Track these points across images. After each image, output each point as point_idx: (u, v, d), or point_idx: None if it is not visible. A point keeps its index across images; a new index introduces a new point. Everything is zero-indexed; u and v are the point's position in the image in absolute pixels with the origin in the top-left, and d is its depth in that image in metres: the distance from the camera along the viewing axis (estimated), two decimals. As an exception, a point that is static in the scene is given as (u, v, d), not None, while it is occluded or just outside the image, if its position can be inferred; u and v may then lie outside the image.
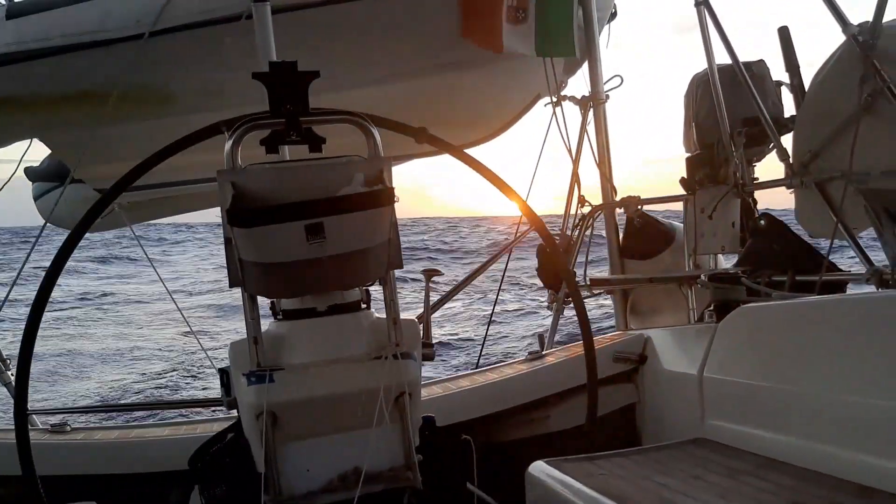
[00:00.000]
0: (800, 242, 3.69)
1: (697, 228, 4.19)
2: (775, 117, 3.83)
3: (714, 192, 4.04)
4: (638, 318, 4.70)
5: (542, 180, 4.96)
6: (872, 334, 2.14)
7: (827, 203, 3.40)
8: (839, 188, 3.32)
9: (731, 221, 3.98)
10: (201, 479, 2.14)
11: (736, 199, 3.96)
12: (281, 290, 2.08)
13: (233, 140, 2.03)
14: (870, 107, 3.12)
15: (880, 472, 1.96)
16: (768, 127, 3.73)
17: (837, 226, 3.30)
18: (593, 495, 2.12)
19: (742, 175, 3.91)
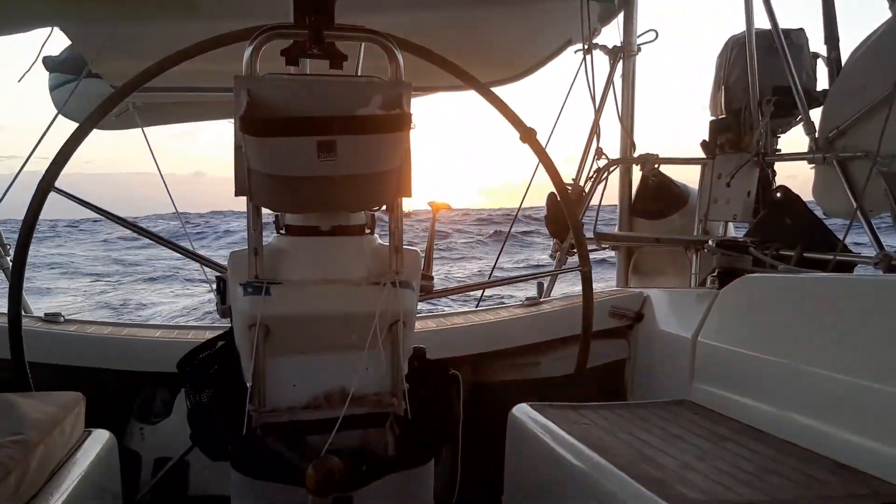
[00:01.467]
0: (813, 219, 3.66)
1: (712, 194, 4.15)
2: (807, 89, 3.76)
3: (734, 159, 3.99)
4: (639, 276, 4.70)
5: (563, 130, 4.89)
6: (871, 316, 2.12)
7: (846, 182, 3.35)
8: (861, 168, 3.28)
9: (747, 190, 3.93)
10: (188, 382, 2.16)
11: (755, 168, 3.91)
12: (287, 204, 2.06)
13: (253, 47, 1.99)
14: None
15: (859, 451, 1.97)
16: (798, 98, 3.66)
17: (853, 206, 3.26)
18: (572, 442, 2.14)
19: (765, 145, 3.85)
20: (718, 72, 4.22)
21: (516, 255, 23.34)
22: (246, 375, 2.05)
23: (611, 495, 1.87)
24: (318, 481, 1.76)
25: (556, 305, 3.68)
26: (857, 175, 3.34)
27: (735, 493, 1.78)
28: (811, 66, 3.91)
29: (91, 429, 2.27)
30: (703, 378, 2.75)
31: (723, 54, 4.19)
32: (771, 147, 3.93)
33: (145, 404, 3.09)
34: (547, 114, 4.85)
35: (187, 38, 2.35)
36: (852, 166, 3.38)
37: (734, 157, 4.00)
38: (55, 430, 1.95)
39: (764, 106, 3.84)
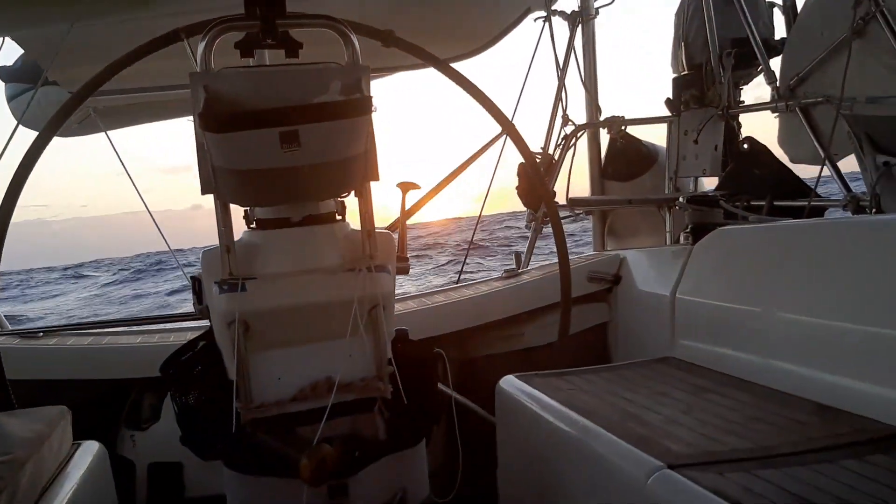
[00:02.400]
0: (780, 167, 3.69)
1: (680, 151, 4.17)
2: (765, 39, 3.78)
3: (699, 115, 4.01)
4: (615, 239, 4.73)
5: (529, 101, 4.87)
6: (843, 259, 2.16)
7: (810, 128, 3.39)
8: (824, 113, 3.31)
9: (713, 145, 3.96)
10: (173, 385, 2.15)
11: (720, 122, 3.93)
12: (254, 198, 2.05)
13: (206, 42, 1.96)
14: (861, 31, 3.07)
15: (839, 392, 2.01)
16: (757, 49, 3.68)
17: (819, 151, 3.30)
18: (560, 408, 2.17)
19: (728, 98, 3.87)
20: (677, 29, 4.23)
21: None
22: (230, 373, 2.04)
23: (600, 456, 1.89)
24: (311, 471, 1.77)
25: (535, 275, 3.70)
26: (821, 120, 3.37)
27: (720, 442, 1.81)
28: (768, 15, 3.92)
29: (80, 441, 2.26)
30: (684, 334, 2.78)
31: (680, 11, 4.20)
32: (734, 99, 3.95)
33: (134, 411, 3.08)
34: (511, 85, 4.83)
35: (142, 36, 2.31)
36: (815, 112, 3.41)
37: (699, 112, 4.02)
38: (43, 446, 1.94)
39: (724, 59, 3.85)
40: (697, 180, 4.30)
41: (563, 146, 4.58)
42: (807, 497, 1.45)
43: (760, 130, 3.97)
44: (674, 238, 4.03)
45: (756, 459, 1.69)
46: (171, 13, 3.51)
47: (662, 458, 1.70)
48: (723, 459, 1.70)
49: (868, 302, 2.01)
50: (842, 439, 1.78)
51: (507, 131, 2.75)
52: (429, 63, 2.53)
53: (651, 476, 1.66)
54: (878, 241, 2.10)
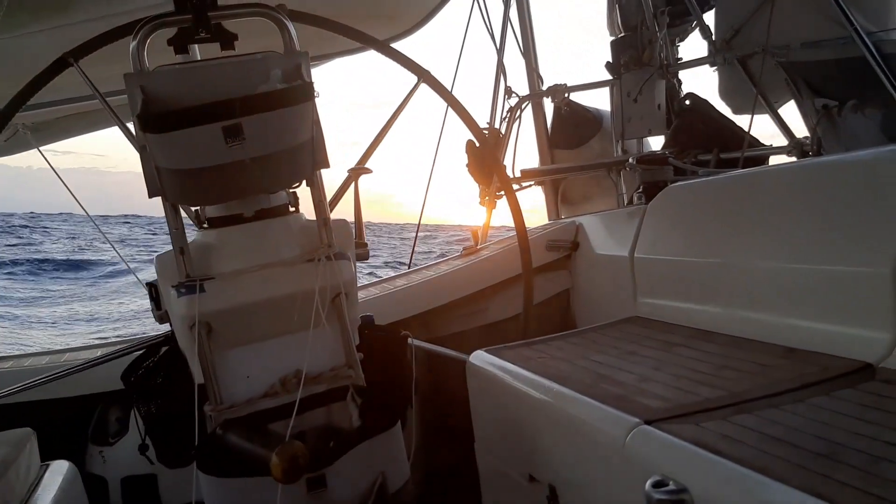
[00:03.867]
0: (724, 120, 3.75)
1: (624, 113, 4.19)
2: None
3: (639, 75, 4.04)
4: (569, 206, 4.75)
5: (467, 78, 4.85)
6: (794, 202, 2.19)
7: (748, 78, 3.44)
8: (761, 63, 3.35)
9: (656, 104, 4.00)
10: (136, 394, 2.11)
11: (661, 80, 3.97)
12: (203, 196, 2.00)
13: (137, 41, 1.91)
14: (790, -22, 3.12)
15: (803, 333, 2.05)
16: (690, 4, 3.71)
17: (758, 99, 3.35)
18: (532, 377, 2.17)
19: (667, 56, 3.91)
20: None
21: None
22: (196, 376, 2.00)
23: (577, 420, 1.90)
24: (284, 469, 1.74)
25: (494, 250, 3.70)
26: (758, 70, 3.42)
27: (693, 394, 1.83)
28: (698, -30, 3.96)
29: (48, 462, 2.20)
30: (646, 292, 2.81)
31: (611, -27, 4.22)
32: (673, 57, 3.99)
33: (100, 426, 3.01)
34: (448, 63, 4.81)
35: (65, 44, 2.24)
36: (751, 63, 3.46)
37: (639, 73, 4.05)
38: (9, 471, 1.88)
39: (659, 17, 3.88)
40: (644, 141, 4.34)
41: (509, 119, 4.58)
42: (783, 437, 1.48)
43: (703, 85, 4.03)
44: (627, 200, 4.07)
45: (730, 406, 1.72)
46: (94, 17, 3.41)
47: (639, 415, 1.72)
48: (698, 410, 1.72)
49: (820, 242, 2.05)
50: (810, 378, 1.82)
51: (452, 106, 2.73)
52: (370, 46, 2.50)
53: (629, 433, 1.67)
54: (823, 182, 2.14)
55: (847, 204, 2.01)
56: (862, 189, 2.00)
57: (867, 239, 1.92)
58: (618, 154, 4.29)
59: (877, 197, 1.95)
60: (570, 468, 1.98)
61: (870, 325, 1.87)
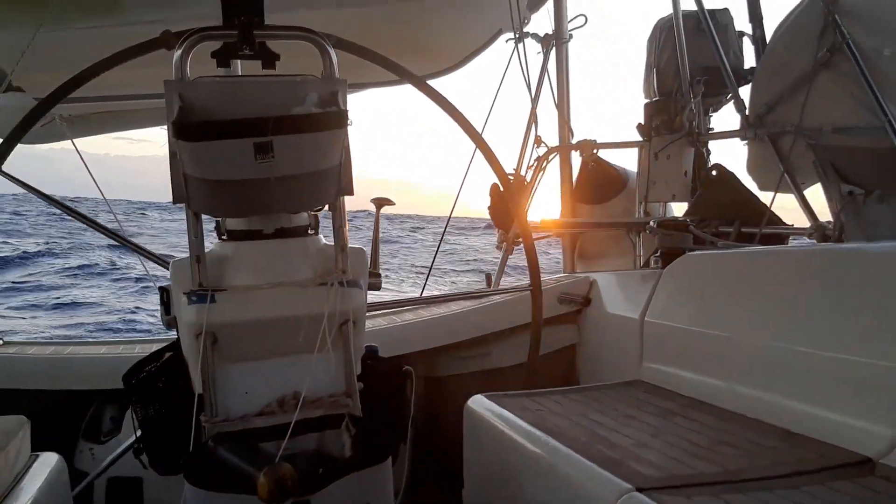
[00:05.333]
0: (748, 194, 3.75)
1: (650, 175, 4.21)
2: (735, 68, 3.85)
3: (669, 140, 4.06)
4: (585, 261, 4.75)
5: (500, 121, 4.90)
6: (810, 285, 2.19)
7: (777, 156, 3.45)
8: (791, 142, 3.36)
9: (683, 170, 4.01)
10: (135, 396, 2.11)
11: (690, 148, 3.99)
12: (226, 208, 2.02)
13: (182, 50, 1.94)
14: (827, 62, 3.14)
15: (803, 418, 2.03)
16: (727, 77, 3.75)
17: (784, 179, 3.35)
18: (529, 429, 2.16)
19: (698, 124, 3.93)
20: (649, 55, 4.29)
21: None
22: (195, 385, 2.00)
23: (568, 478, 1.88)
24: (269, 490, 1.73)
25: (505, 296, 3.70)
26: (788, 149, 3.43)
27: (688, 466, 1.82)
28: (738, 44, 4.00)
29: (38, 452, 2.19)
30: (652, 357, 2.80)
31: (652, 37, 4.26)
32: (704, 126, 4.01)
33: (94, 423, 3.01)
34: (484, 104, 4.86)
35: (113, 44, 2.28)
36: (782, 141, 3.47)
37: (669, 137, 4.08)
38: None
39: (694, 86, 3.92)
40: (667, 205, 4.35)
41: (536, 168, 4.60)
42: None
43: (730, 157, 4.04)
44: (643, 262, 4.06)
45: (723, 483, 1.70)
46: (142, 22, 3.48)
47: (631, 481, 1.70)
48: (690, 483, 1.71)
49: (831, 329, 2.04)
50: (807, 465, 1.79)
51: (480, 149, 2.75)
52: (407, 80, 2.53)
53: (619, 498, 1.65)
54: (842, 269, 2.14)
55: (863, 293, 2.00)
56: (880, 280, 1.99)
57: (879, 331, 1.91)
58: (639, 215, 4.29)
59: (894, 291, 1.94)
60: None
61: (873, 418, 1.85)
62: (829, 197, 3.15)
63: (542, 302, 2.82)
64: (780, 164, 3.43)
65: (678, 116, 4.04)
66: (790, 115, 3.38)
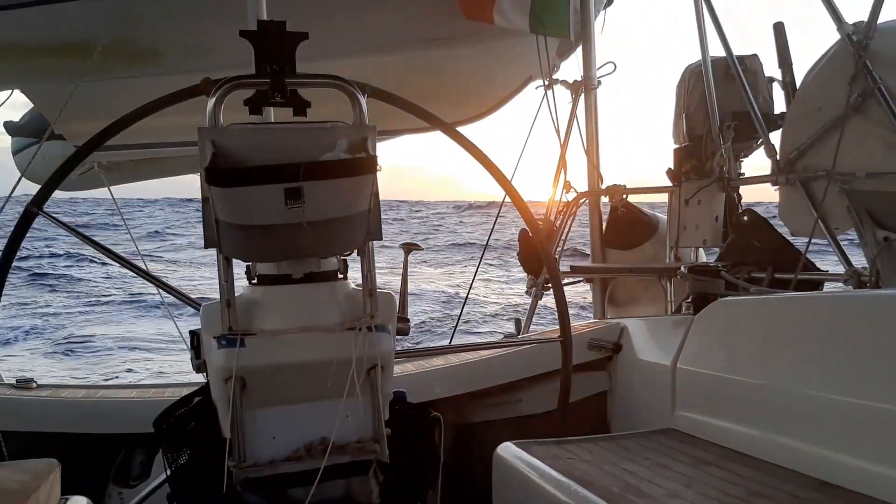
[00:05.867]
0: (781, 240, 3.70)
1: (681, 221, 4.19)
2: (765, 113, 3.84)
3: (699, 185, 4.04)
4: (616, 307, 4.71)
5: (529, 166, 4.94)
6: (845, 332, 2.14)
7: (810, 201, 3.41)
8: (824, 187, 3.33)
9: (714, 215, 3.98)
10: (165, 441, 2.11)
11: (721, 193, 3.97)
12: (257, 253, 2.05)
13: (216, 98, 1.99)
14: (859, 107, 3.12)
15: (840, 468, 1.97)
16: (757, 122, 3.74)
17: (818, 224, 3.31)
18: (559, 478, 2.12)
19: (728, 169, 3.92)
20: (679, 100, 4.30)
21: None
22: (224, 430, 2.01)
23: None
24: None
25: (535, 341, 3.67)
26: (820, 194, 3.40)
27: None
28: (767, 90, 3.99)
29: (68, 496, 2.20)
30: (684, 405, 2.75)
31: (682, 83, 4.28)
32: (735, 171, 3.99)
33: (123, 467, 3.02)
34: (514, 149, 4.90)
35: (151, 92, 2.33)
36: (814, 185, 3.44)
37: (699, 183, 4.06)
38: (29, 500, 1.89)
39: (724, 131, 3.91)
40: (697, 250, 4.32)
41: (565, 213, 4.60)
42: None
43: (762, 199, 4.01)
44: (675, 307, 4.02)
45: None
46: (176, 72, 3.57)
47: None
48: None
49: (868, 377, 1.99)
50: None
51: (510, 196, 2.76)
52: (437, 127, 2.55)
53: None
54: (879, 316, 2.09)
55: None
56: None
57: None
58: (670, 261, 4.26)
59: None
60: None
61: None
62: (864, 242, 3.10)
63: (573, 347, 2.79)
64: (813, 209, 3.40)
65: (708, 161, 4.03)
66: (822, 159, 3.36)
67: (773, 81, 3.97)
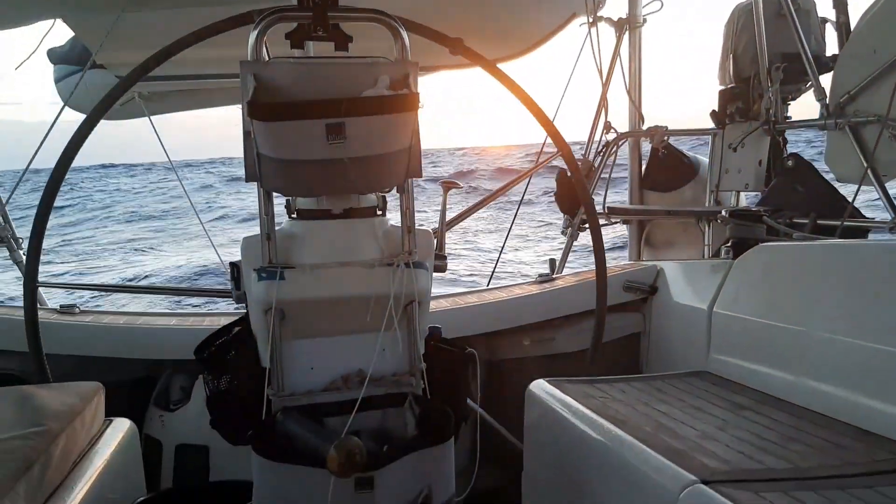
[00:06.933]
0: (826, 185, 3.63)
1: (723, 164, 4.12)
2: (816, 55, 3.71)
3: (744, 128, 3.96)
4: (652, 249, 4.68)
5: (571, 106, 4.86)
6: (887, 281, 2.11)
7: (858, 147, 3.32)
8: (873, 133, 3.24)
9: (758, 159, 3.91)
10: (206, 369, 2.17)
11: (766, 136, 3.88)
12: (297, 188, 2.06)
13: (258, 31, 1.98)
14: (916, 50, 3.01)
15: (877, 416, 1.97)
16: (808, 64, 3.62)
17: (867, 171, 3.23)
18: (591, 416, 2.15)
19: (775, 112, 3.82)
20: (726, 40, 4.17)
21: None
22: (263, 360, 2.06)
23: (631, 467, 1.87)
24: (340, 463, 1.77)
25: (570, 281, 3.67)
26: (869, 140, 3.31)
27: (756, 461, 1.78)
28: (820, 30, 3.86)
29: (111, 418, 2.28)
30: (720, 349, 2.75)
31: (730, 22, 4.14)
32: (781, 114, 3.89)
33: (164, 392, 3.12)
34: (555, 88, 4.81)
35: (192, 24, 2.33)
36: (864, 131, 3.35)
37: (744, 126, 3.98)
38: (76, 421, 1.97)
39: (773, 73, 3.80)
40: (738, 194, 4.25)
41: (604, 153, 4.55)
42: None
43: (807, 147, 3.91)
44: (713, 252, 3.98)
45: (792, 480, 1.66)
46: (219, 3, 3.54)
47: (696, 473, 1.68)
48: (758, 478, 1.67)
49: None
50: (881, 465, 1.74)
51: (550, 135, 2.73)
52: (478, 64, 2.52)
53: (684, 490, 1.63)
54: None
55: None
56: None
57: None
58: (710, 204, 4.20)
59: None
60: None
61: None
62: (913, 190, 3.03)
63: (607, 288, 2.79)
64: (861, 155, 3.31)
65: (755, 104, 3.93)
66: (873, 104, 3.26)
67: (826, 22, 3.83)
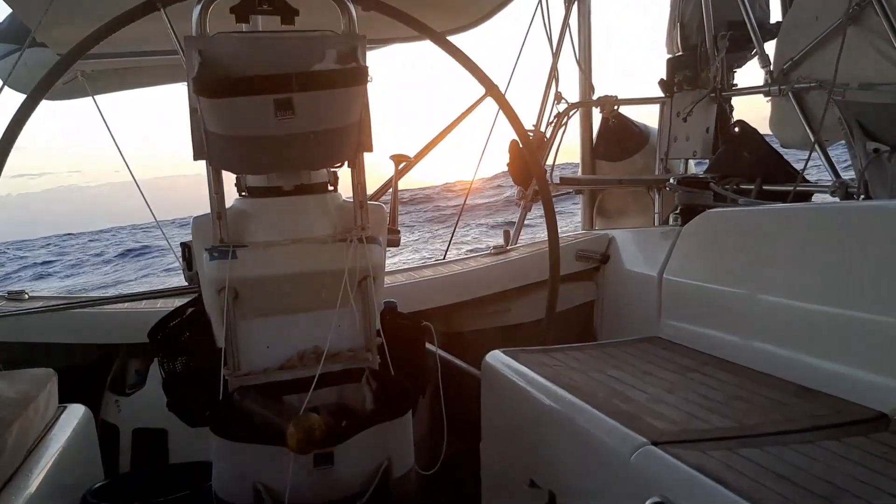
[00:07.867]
0: (771, 151, 3.71)
1: (671, 132, 4.17)
2: (761, 22, 3.77)
3: (692, 96, 4.01)
4: (604, 218, 4.74)
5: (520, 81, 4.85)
6: (831, 243, 2.18)
7: (802, 113, 3.40)
8: (816, 99, 3.31)
9: (705, 127, 3.97)
10: (161, 351, 2.15)
11: (712, 104, 3.94)
12: (247, 165, 2.03)
13: (202, 5, 1.94)
14: (856, 17, 3.07)
15: (818, 374, 2.04)
16: (752, 32, 3.68)
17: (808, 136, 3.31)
18: (545, 384, 2.18)
19: (721, 80, 3.88)
20: (673, 9, 4.22)
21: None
22: (218, 340, 2.04)
23: (584, 432, 1.91)
24: (299, 439, 1.77)
25: (524, 252, 3.71)
26: (813, 105, 3.38)
27: (703, 421, 1.84)
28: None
29: (66, 404, 2.26)
30: (670, 314, 2.81)
31: (677, -9, 4.18)
32: (728, 82, 3.96)
33: (119, 376, 3.08)
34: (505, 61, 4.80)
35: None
36: (807, 97, 3.42)
37: (692, 94, 4.03)
38: (29, 408, 1.94)
39: (719, 41, 3.85)
40: (687, 162, 4.31)
41: (555, 124, 4.57)
42: (787, 475, 1.48)
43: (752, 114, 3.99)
44: (662, 219, 4.05)
45: (738, 438, 1.72)
46: None
47: (646, 435, 1.72)
48: (705, 437, 1.73)
49: (851, 287, 2.04)
50: (821, 420, 1.81)
51: (500, 106, 2.74)
52: (423, 34, 2.52)
53: (635, 452, 1.68)
54: (865, 227, 2.12)
55: (884, 251, 1.99)
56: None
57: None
58: (660, 172, 4.26)
59: None
60: (572, 478, 1.99)
61: (889, 374, 1.85)
62: (854, 154, 3.11)
63: (560, 258, 2.83)
64: (804, 120, 3.39)
65: (702, 72, 3.99)
66: (816, 70, 3.33)
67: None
